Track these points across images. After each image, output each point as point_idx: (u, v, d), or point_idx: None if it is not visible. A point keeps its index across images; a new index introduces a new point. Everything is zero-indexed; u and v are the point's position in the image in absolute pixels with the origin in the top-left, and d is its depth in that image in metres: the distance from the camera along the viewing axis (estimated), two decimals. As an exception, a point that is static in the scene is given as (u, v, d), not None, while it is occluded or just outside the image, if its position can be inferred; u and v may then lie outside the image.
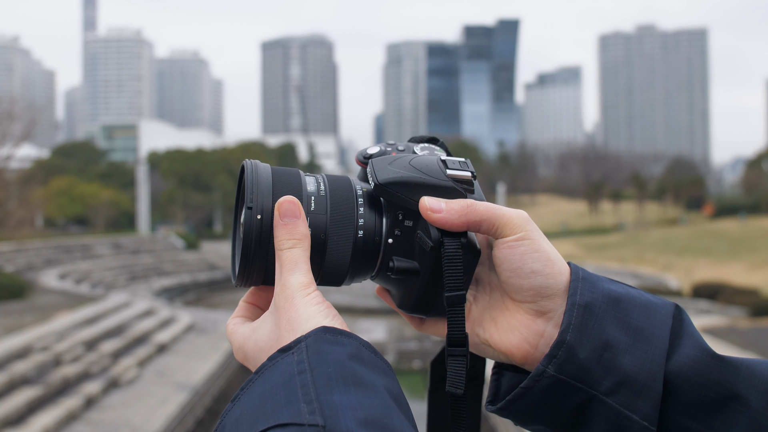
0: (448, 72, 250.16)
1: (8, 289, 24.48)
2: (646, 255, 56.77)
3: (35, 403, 12.51)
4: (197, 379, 16.14)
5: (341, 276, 0.88)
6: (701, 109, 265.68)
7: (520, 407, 0.83)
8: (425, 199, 0.84)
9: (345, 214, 0.86)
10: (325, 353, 0.72)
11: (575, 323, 0.80)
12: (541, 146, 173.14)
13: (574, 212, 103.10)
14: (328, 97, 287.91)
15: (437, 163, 0.88)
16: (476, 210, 0.84)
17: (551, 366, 0.80)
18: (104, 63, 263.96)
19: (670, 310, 0.83)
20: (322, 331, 0.75)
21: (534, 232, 0.84)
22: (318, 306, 0.79)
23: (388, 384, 0.72)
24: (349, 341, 0.75)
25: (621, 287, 0.85)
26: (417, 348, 23.11)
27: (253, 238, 0.82)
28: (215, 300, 38.85)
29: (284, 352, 0.74)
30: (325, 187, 0.87)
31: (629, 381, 0.79)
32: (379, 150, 0.93)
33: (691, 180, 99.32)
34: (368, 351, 0.75)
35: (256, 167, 0.86)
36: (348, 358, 0.72)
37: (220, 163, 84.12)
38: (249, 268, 0.84)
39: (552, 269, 0.83)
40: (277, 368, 0.72)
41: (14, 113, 46.24)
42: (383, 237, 0.88)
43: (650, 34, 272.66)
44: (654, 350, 0.80)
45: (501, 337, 0.87)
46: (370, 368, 0.73)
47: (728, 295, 30.28)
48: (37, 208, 52.72)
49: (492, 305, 0.89)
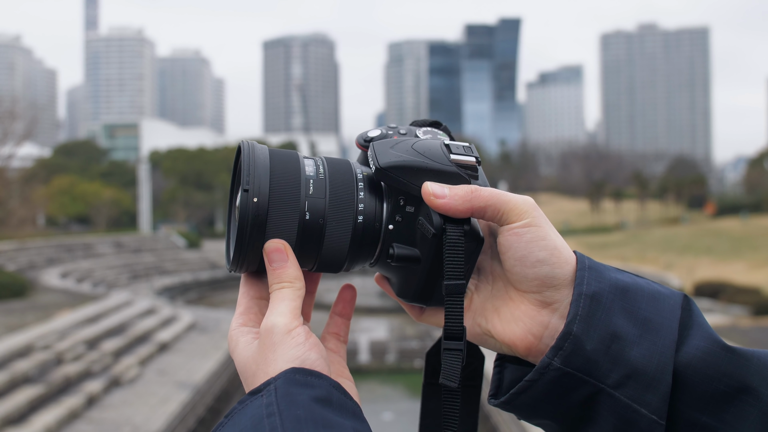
0: (450, 71, 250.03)
1: (10, 287, 24.51)
2: (647, 254, 56.71)
3: (37, 401, 12.52)
4: (199, 378, 16.15)
5: (339, 262, 0.86)
6: (703, 107, 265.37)
7: (525, 401, 0.81)
8: (428, 184, 0.82)
9: (344, 198, 0.84)
10: (294, 395, 0.71)
11: (582, 314, 0.78)
12: (542, 145, 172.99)
13: (576, 211, 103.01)
14: (330, 96, 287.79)
15: (441, 147, 0.86)
16: (481, 195, 0.82)
17: (557, 358, 0.78)
18: (106, 62, 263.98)
19: (678, 301, 0.81)
20: (292, 373, 0.74)
21: (540, 219, 0.82)
22: (297, 348, 0.78)
23: (357, 426, 0.71)
24: (320, 382, 0.74)
25: (628, 276, 0.83)
26: (418, 347, 23.10)
27: (248, 222, 0.80)
28: (217, 299, 38.85)
29: (254, 395, 0.74)
30: (324, 170, 0.85)
31: (637, 373, 0.77)
32: (381, 133, 0.92)
33: (693, 179, 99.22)
34: (338, 392, 0.74)
35: (253, 148, 0.84)
36: (317, 401, 0.71)
37: (222, 162, 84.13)
38: (244, 253, 0.83)
39: (558, 258, 0.81)
40: (246, 411, 0.72)
41: (16, 112, 46.30)
42: (383, 223, 0.86)
43: (652, 32, 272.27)
44: (663, 341, 0.78)
45: (504, 328, 0.85)
46: (339, 410, 0.72)
47: (730, 294, 30.25)
48: (38, 207, 52.77)
49: (495, 295, 0.87)
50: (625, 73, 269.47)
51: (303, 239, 0.84)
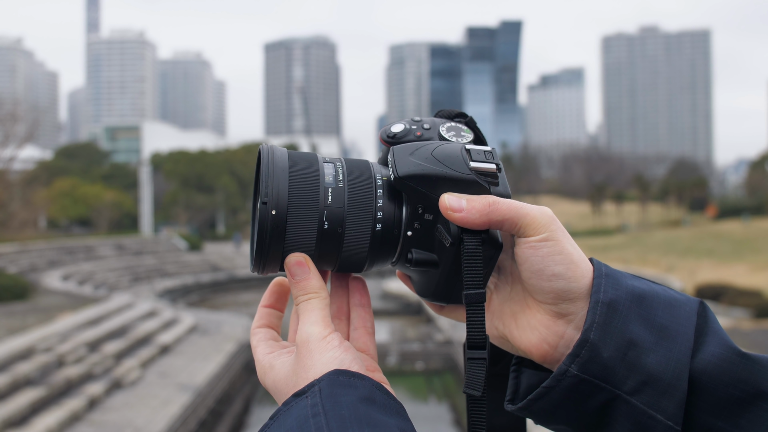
0: (451, 73, 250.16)
1: (11, 290, 24.50)
2: (649, 256, 56.67)
3: (38, 404, 12.51)
4: (200, 381, 16.13)
5: (359, 265, 0.88)
6: (704, 110, 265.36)
7: (542, 407, 0.82)
8: (445, 197, 0.82)
9: (363, 206, 0.85)
10: (339, 396, 0.72)
11: (599, 321, 0.79)
12: (543, 147, 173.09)
13: (577, 213, 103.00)
14: (331, 98, 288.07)
15: (461, 153, 0.85)
16: (498, 209, 0.82)
17: (574, 365, 0.78)
18: (107, 64, 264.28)
19: (694, 307, 0.82)
20: (335, 374, 0.76)
21: (558, 233, 0.82)
22: (334, 351, 0.80)
23: (401, 424, 0.72)
24: (362, 383, 0.75)
25: (645, 284, 0.83)
26: (420, 350, 23.08)
27: (267, 234, 0.82)
28: (218, 301, 38.86)
29: (298, 396, 0.75)
30: (343, 177, 0.85)
31: (654, 380, 0.77)
32: (404, 129, 0.91)
33: (694, 181, 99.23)
34: (381, 393, 0.76)
35: (272, 155, 0.84)
36: (361, 401, 0.72)
37: (223, 165, 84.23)
38: (264, 259, 0.84)
39: (575, 272, 0.82)
40: (291, 413, 0.73)
41: (17, 114, 46.31)
42: (402, 229, 0.86)
43: (653, 35, 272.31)
44: (679, 348, 0.78)
45: (520, 334, 0.86)
46: (382, 410, 0.73)
47: (731, 297, 30.19)
48: (40, 210, 52.83)
49: (513, 298, 0.89)
50: (626, 76, 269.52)
51: (322, 247, 0.85)
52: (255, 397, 19.30)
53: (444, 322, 24.77)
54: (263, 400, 19.40)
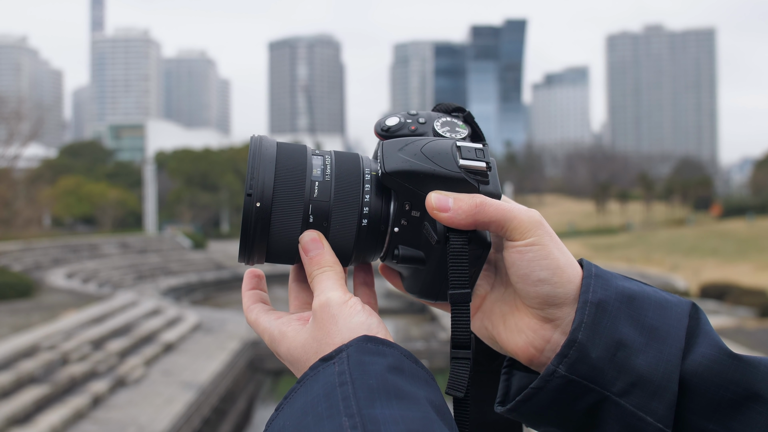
0: (455, 72, 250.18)
1: (16, 288, 24.54)
2: (653, 255, 56.62)
3: (42, 401, 12.52)
4: (204, 379, 16.14)
5: (345, 259, 0.86)
6: (709, 109, 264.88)
7: (531, 408, 0.81)
8: (432, 196, 0.81)
9: (350, 200, 0.84)
10: (366, 364, 0.71)
11: (587, 321, 0.78)
12: (548, 146, 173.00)
13: (582, 212, 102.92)
14: (335, 96, 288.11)
15: (451, 149, 0.83)
16: (485, 211, 0.81)
17: (562, 365, 0.78)
18: (112, 63, 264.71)
19: (686, 309, 0.81)
20: (364, 341, 0.74)
21: (545, 238, 0.81)
22: (359, 315, 0.79)
23: (430, 395, 0.71)
24: (391, 351, 0.74)
25: (635, 284, 0.82)
26: (424, 348, 23.06)
27: (251, 225, 0.82)
28: (222, 299, 38.89)
29: (326, 362, 0.73)
30: (331, 171, 0.84)
31: (643, 381, 0.76)
32: (398, 122, 0.89)
33: (699, 180, 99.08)
34: (410, 361, 0.74)
35: (259, 147, 0.84)
36: (389, 370, 0.71)
37: (227, 163, 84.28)
38: (250, 251, 0.84)
39: (560, 278, 0.80)
40: (318, 378, 0.72)
41: (22, 113, 46.43)
42: (389, 226, 0.85)
43: (658, 34, 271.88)
44: (669, 350, 0.77)
45: (508, 337, 0.85)
46: (411, 379, 0.71)
47: (736, 296, 30.14)
48: (44, 208, 52.85)
49: (504, 299, 0.88)
50: (630, 75, 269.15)
51: None
52: (259, 396, 19.31)
53: (448, 321, 24.76)
54: (267, 399, 19.42)
